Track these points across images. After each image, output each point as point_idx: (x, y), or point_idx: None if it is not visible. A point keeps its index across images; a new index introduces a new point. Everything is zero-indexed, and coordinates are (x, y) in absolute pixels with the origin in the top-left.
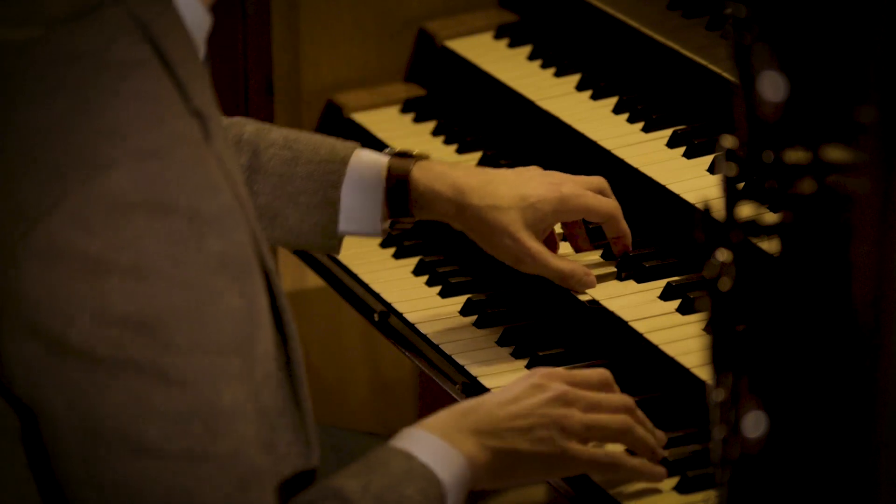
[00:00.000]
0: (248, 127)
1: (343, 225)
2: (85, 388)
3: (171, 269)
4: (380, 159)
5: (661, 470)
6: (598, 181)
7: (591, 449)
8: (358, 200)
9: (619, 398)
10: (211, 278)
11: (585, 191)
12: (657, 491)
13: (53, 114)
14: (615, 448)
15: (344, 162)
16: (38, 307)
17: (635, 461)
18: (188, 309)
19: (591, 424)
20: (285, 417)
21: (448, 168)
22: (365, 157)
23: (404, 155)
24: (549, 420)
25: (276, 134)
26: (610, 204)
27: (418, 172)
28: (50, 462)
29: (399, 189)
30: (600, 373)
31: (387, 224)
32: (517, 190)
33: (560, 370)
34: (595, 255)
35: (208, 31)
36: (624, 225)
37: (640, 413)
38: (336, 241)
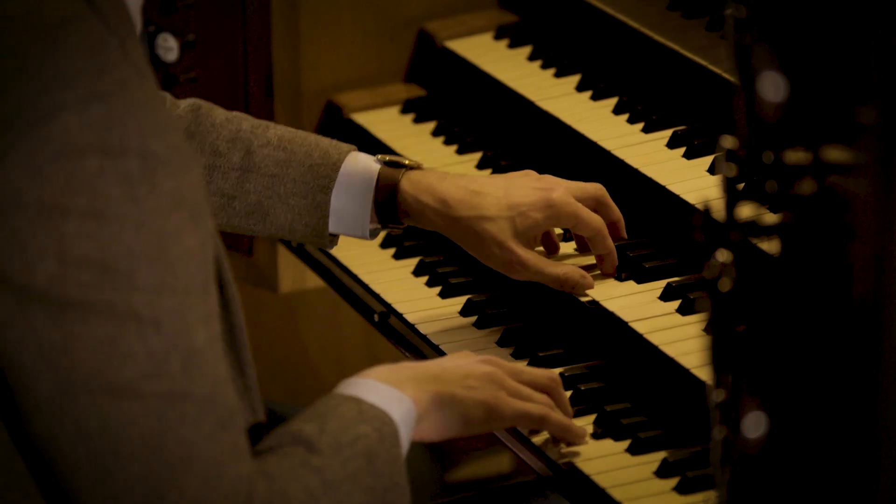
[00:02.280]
0: (245, 124)
1: (333, 227)
2: (57, 336)
3: (127, 209)
4: (371, 166)
5: (582, 431)
6: (595, 189)
7: (521, 402)
8: (348, 206)
9: (544, 374)
10: (167, 217)
11: (575, 199)
12: (657, 491)
13: None
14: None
15: (336, 167)
16: (0, 257)
17: (560, 417)
18: (149, 248)
19: (518, 390)
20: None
21: (436, 180)
22: (357, 164)
23: (395, 164)
24: (481, 373)
25: (273, 133)
26: (596, 220)
27: (406, 184)
28: (25, 426)
29: (388, 199)
30: (550, 375)
31: (376, 226)
32: (505, 199)
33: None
34: (595, 257)
35: (142, 4)
36: (610, 242)
37: (562, 391)
38: (326, 240)
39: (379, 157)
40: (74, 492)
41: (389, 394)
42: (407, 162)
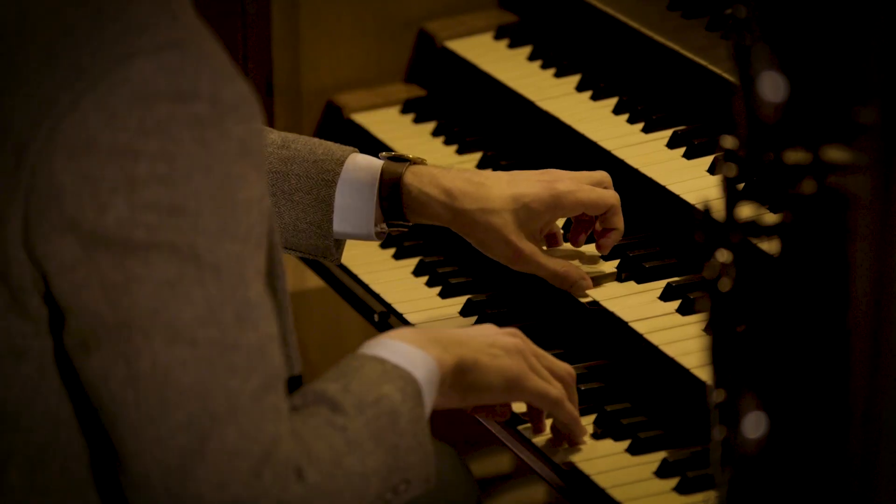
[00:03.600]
0: None
1: (337, 225)
2: (119, 276)
3: (197, 152)
4: (374, 162)
5: (584, 429)
6: (600, 175)
7: (543, 381)
8: (352, 200)
9: (565, 367)
10: (234, 163)
11: (581, 186)
12: (657, 491)
13: (71, 22)
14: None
15: (339, 162)
16: (71, 200)
17: (573, 409)
18: (215, 193)
19: (540, 370)
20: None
21: (440, 172)
22: (360, 160)
23: (399, 159)
24: (507, 343)
25: (275, 135)
26: (608, 194)
27: (411, 177)
28: (79, 372)
29: (392, 193)
30: (568, 368)
31: (381, 227)
32: (509, 191)
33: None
34: (595, 256)
35: None
36: (620, 218)
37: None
38: (331, 242)
39: (383, 154)
40: (118, 438)
41: (413, 354)
42: (411, 157)
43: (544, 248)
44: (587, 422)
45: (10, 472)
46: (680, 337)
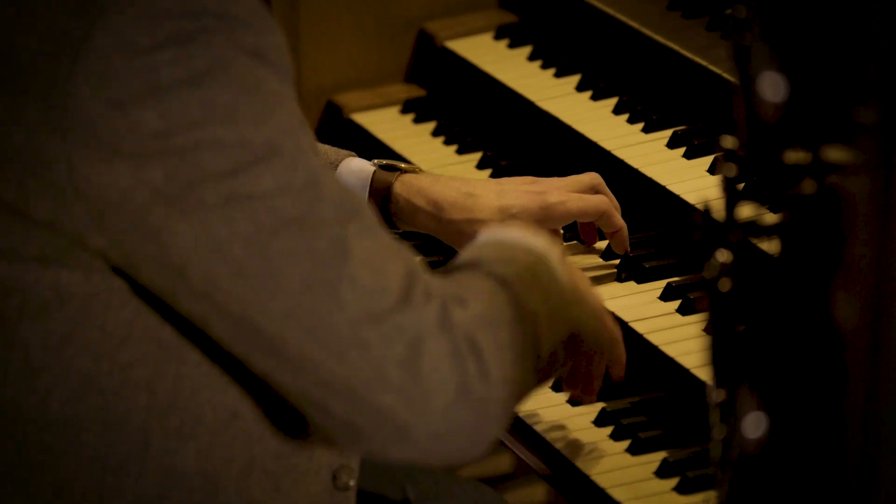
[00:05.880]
0: None
1: None
2: (177, 183)
3: (213, 55)
4: (367, 168)
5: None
6: (590, 179)
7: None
8: None
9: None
10: (250, 63)
11: (570, 195)
12: (657, 491)
13: None
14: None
15: (334, 166)
16: (105, 127)
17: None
18: (238, 85)
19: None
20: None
21: (429, 182)
22: (354, 165)
23: (390, 168)
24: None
25: None
26: (597, 200)
27: (399, 186)
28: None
29: (381, 202)
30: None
31: None
32: (498, 202)
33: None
34: (595, 256)
35: None
36: (618, 219)
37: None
38: None
39: (375, 161)
40: (249, 339)
41: (531, 237)
42: (403, 166)
43: None
44: (587, 421)
45: (51, 404)
46: (680, 337)
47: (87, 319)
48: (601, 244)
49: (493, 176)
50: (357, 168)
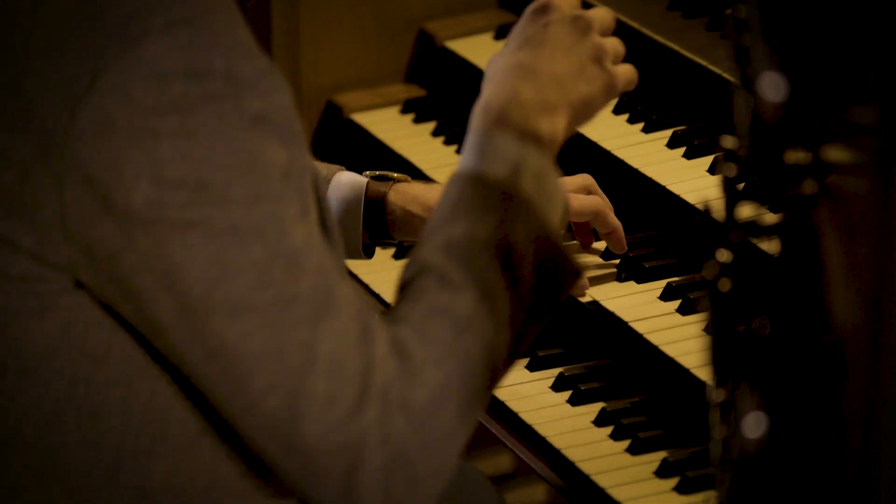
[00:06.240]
0: None
1: None
2: (164, 262)
3: (216, 126)
4: (359, 180)
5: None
6: (582, 180)
7: (623, 67)
8: (339, 218)
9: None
10: (255, 135)
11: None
12: (656, 491)
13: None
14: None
15: (326, 180)
16: (101, 184)
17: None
18: (239, 161)
19: (615, 49)
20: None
21: (423, 189)
22: (345, 178)
23: (383, 178)
24: (591, 54)
25: None
26: (590, 200)
27: (394, 196)
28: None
29: (377, 212)
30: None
31: (370, 246)
32: None
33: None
34: (595, 256)
35: None
36: (613, 219)
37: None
38: None
39: (367, 172)
40: (217, 404)
41: (519, 151)
42: (395, 175)
43: None
44: (587, 421)
45: (25, 427)
46: (680, 337)
47: (67, 341)
48: (600, 244)
49: None
50: (349, 181)
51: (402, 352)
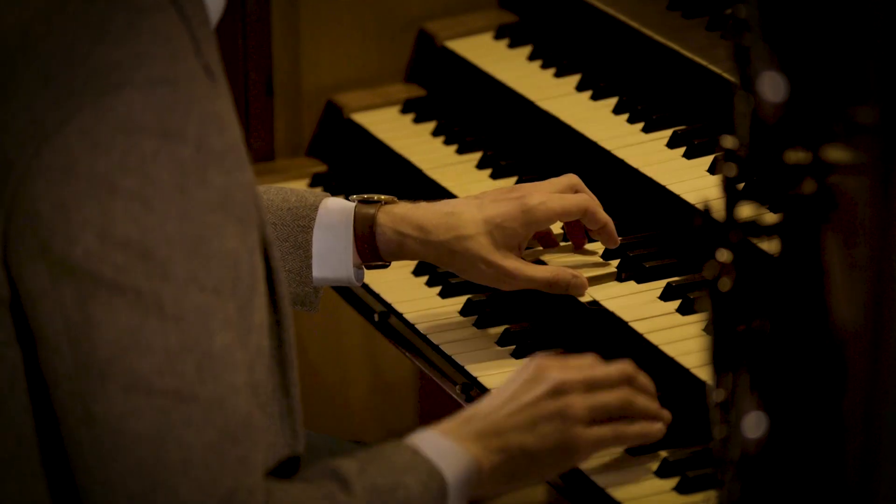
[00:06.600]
0: None
1: (316, 271)
2: (81, 316)
3: (174, 197)
4: (346, 205)
5: (659, 427)
6: (568, 180)
7: (595, 431)
8: (329, 244)
9: (616, 370)
10: (212, 213)
11: (551, 196)
12: (656, 491)
13: (71, 41)
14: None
15: (314, 207)
16: (45, 227)
17: (636, 428)
18: (188, 240)
19: (593, 406)
20: (273, 404)
21: (410, 209)
22: (331, 204)
23: (369, 201)
24: (550, 412)
25: None
26: (578, 199)
27: (383, 218)
28: (49, 394)
29: (367, 236)
30: (621, 369)
31: (361, 271)
32: (480, 214)
33: (556, 358)
34: (595, 256)
35: (221, 14)
36: (602, 214)
37: (640, 378)
38: (311, 289)
39: (354, 196)
40: (75, 470)
41: (450, 450)
42: (382, 198)
43: (539, 248)
44: None
45: None
46: (680, 337)
47: None
48: (592, 246)
49: (493, 175)
50: (337, 207)
51: (281, 500)
